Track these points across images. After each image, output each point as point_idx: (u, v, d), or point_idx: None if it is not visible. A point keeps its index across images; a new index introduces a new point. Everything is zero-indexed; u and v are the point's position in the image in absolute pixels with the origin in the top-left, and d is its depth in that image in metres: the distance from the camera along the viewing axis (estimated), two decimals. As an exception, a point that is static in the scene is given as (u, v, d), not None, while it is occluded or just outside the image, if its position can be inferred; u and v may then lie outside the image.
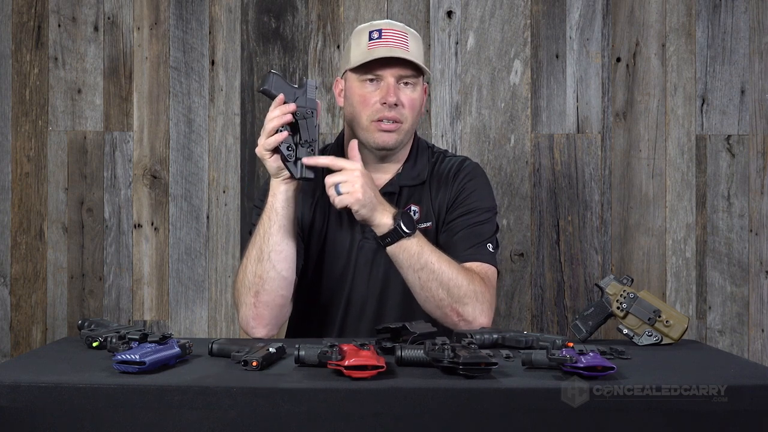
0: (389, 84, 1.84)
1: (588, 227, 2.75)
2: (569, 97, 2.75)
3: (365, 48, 1.86)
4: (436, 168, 1.97)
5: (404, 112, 1.86)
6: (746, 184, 2.74)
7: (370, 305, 1.91)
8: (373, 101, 1.85)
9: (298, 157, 1.71)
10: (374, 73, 1.85)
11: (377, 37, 1.86)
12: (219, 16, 2.74)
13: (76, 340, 1.69)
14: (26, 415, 1.25)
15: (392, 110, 1.84)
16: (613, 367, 1.32)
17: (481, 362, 1.30)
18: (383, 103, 1.84)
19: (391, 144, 1.87)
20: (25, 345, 2.74)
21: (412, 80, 1.86)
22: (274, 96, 1.72)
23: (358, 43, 1.88)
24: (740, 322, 2.74)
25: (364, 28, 1.90)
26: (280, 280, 1.78)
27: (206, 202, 2.74)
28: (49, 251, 2.74)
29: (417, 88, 1.88)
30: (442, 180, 1.95)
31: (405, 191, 1.93)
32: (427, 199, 1.93)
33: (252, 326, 1.81)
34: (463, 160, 1.99)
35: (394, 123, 1.85)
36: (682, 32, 2.75)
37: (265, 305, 1.79)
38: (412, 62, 1.85)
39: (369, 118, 1.85)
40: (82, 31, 2.74)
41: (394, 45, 1.85)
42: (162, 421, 1.24)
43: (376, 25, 1.89)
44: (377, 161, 1.92)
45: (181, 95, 2.74)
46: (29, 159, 2.74)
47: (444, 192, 1.94)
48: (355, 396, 1.26)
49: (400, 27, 1.90)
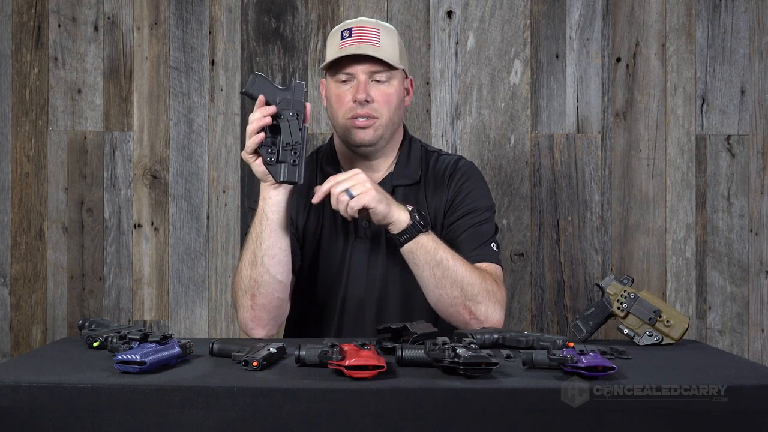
0: (360, 81, 1.85)
1: (588, 227, 2.75)
2: (569, 97, 2.75)
3: (337, 48, 1.87)
4: (431, 168, 1.97)
5: (377, 107, 1.86)
6: (746, 184, 2.74)
7: (369, 306, 1.91)
8: (347, 100, 1.86)
9: (280, 160, 1.69)
10: (345, 72, 1.86)
11: (348, 36, 1.87)
12: (219, 16, 2.74)
13: (77, 340, 1.69)
14: (26, 415, 1.25)
15: (364, 107, 1.85)
16: (614, 367, 1.32)
17: (481, 362, 1.30)
18: (354, 100, 1.85)
19: (368, 140, 1.88)
20: (25, 345, 2.74)
21: (383, 76, 1.87)
22: (255, 98, 1.72)
23: (332, 44, 1.90)
24: (740, 322, 2.74)
25: (337, 29, 1.91)
26: (275, 283, 1.79)
27: (206, 202, 2.75)
28: (49, 251, 2.74)
29: (392, 82, 1.88)
30: (438, 180, 1.95)
31: (399, 191, 1.93)
32: (423, 200, 1.93)
33: (251, 327, 1.82)
34: (458, 160, 1.99)
35: (368, 119, 1.86)
36: (682, 32, 2.75)
37: (262, 307, 1.80)
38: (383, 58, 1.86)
39: (344, 116, 1.87)
40: (82, 31, 2.74)
41: (363, 42, 1.85)
42: (162, 421, 1.24)
43: (347, 24, 1.90)
44: (364, 160, 1.93)
45: (181, 95, 2.74)
46: (29, 159, 2.74)
47: (440, 193, 1.94)
48: (355, 396, 1.26)
49: (372, 23, 1.90)
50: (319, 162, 2.00)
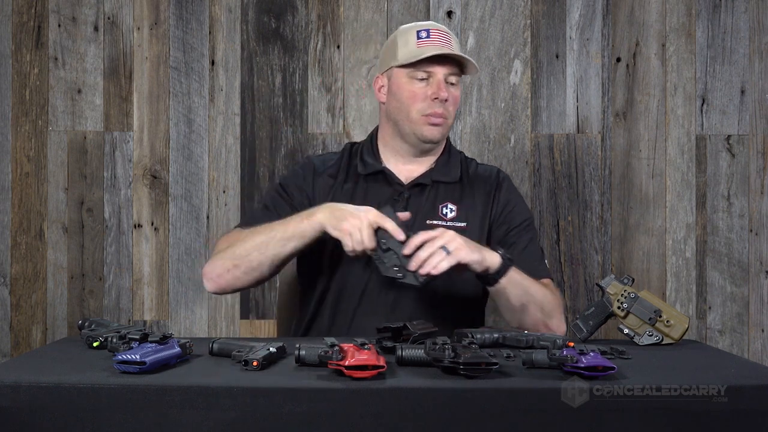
0: (439, 81, 1.92)
1: (588, 227, 2.75)
2: (569, 97, 2.75)
3: (414, 46, 1.93)
4: (471, 171, 2.04)
5: (450, 108, 1.94)
6: (746, 184, 2.74)
7: (385, 295, 1.91)
8: (423, 96, 1.92)
9: (385, 261, 1.75)
10: (425, 70, 1.92)
11: (425, 36, 1.94)
12: (219, 16, 2.74)
13: (77, 340, 1.69)
14: (26, 415, 1.25)
15: (441, 106, 1.92)
16: (614, 367, 1.32)
17: (481, 362, 1.30)
18: (435, 98, 1.91)
19: (437, 137, 1.95)
20: (25, 345, 2.74)
21: (455, 78, 1.95)
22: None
23: (406, 42, 1.95)
24: (740, 322, 2.74)
25: (410, 28, 1.97)
26: (258, 275, 1.88)
27: (206, 202, 2.75)
28: (49, 251, 2.74)
29: (458, 85, 1.97)
30: (479, 184, 2.01)
31: (441, 187, 1.99)
32: (462, 199, 1.98)
33: (209, 279, 1.90)
34: (499, 170, 2.08)
35: (440, 118, 1.93)
36: (682, 32, 2.75)
37: (235, 278, 1.88)
38: (456, 63, 1.93)
39: (419, 113, 1.92)
40: (82, 31, 2.74)
41: (441, 44, 1.93)
42: (162, 421, 1.24)
43: (422, 26, 1.97)
44: (415, 155, 1.99)
45: (181, 95, 2.74)
46: (29, 159, 2.74)
47: (484, 198, 2.00)
48: (355, 396, 1.26)
49: (444, 28, 1.99)
50: (359, 152, 2.03)
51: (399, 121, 1.96)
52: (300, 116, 2.74)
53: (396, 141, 1.98)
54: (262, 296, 2.74)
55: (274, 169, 2.74)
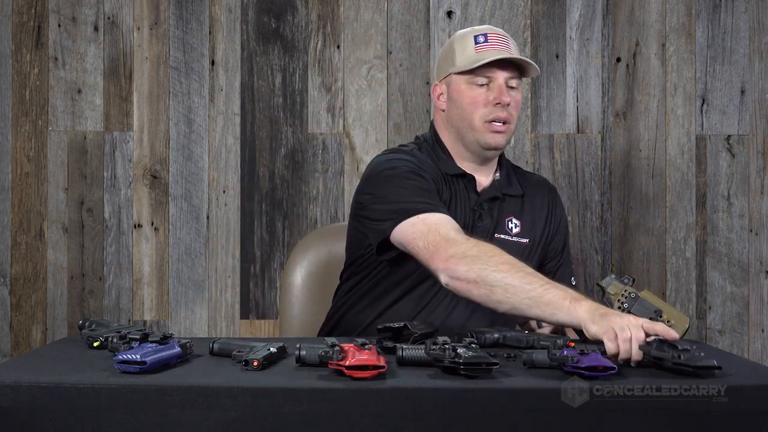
0: (500, 85, 1.89)
1: (588, 227, 2.75)
2: (569, 97, 2.75)
3: (473, 52, 1.90)
4: (524, 183, 2.02)
5: (513, 113, 1.91)
6: (746, 184, 2.74)
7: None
8: (484, 102, 1.89)
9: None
10: (485, 75, 1.89)
11: (483, 41, 1.91)
12: (219, 16, 2.74)
13: (77, 340, 1.69)
14: (26, 415, 1.25)
15: (504, 110, 1.89)
16: (614, 367, 1.32)
17: (482, 362, 1.30)
18: (497, 103, 1.88)
19: (501, 144, 1.92)
20: (25, 345, 2.73)
21: (516, 82, 1.92)
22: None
23: (464, 48, 1.92)
24: (740, 322, 2.74)
25: (466, 33, 1.94)
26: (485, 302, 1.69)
27: (206, 202, 2.75)
28: (49, 251, 2.74)
29: (519, 89, 1.94)
30: (536, 198, 2.01)
31: (509, 201, 1.96)
32: (523, 214, 1.98)
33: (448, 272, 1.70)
34: (546, 179, 2.11)
35: (503, 124, 1.89)
36: (682, 32, 2.75)
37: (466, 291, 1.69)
38: (516, 65, 1.90)
39: (482, 119, 1.89)
40: (82, 31, 2.74)
41: (500, 48, 1.90)
42: (163, 421, 1.24)
43: (479, 30, 1.94)
44: (477, 162, 1.95)
45: (181, 95, 2.74)
46: (29, 159, 2.74)
47: (542, 213, 2.00)
48: (355, 396, 1.26)
49: (501, 31, 1.96)
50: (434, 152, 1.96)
51: (461, 129, 1.92)
52: (300, 116, 2.74)
53: (458, 147, 1.94)
54: (262, 296, 2.74)
55: (274, 169, 2.74)
